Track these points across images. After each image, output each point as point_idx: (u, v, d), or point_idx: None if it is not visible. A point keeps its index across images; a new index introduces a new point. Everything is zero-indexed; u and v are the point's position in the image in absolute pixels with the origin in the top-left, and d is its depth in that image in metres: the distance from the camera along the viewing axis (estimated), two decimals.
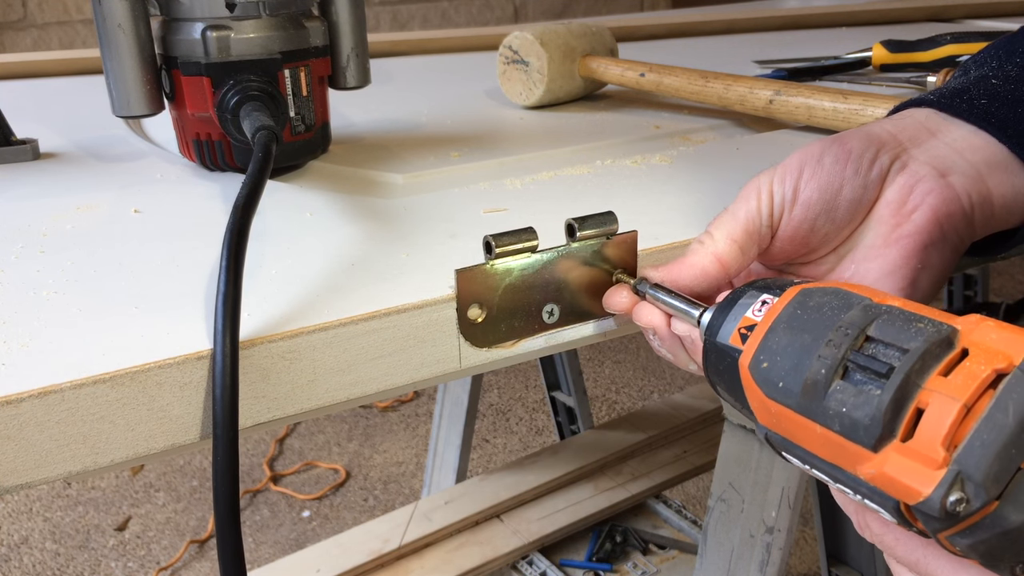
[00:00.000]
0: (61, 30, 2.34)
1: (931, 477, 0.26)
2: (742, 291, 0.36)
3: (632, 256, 0.44)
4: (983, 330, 0.28)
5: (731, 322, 0.35)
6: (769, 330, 0.32)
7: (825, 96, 0.67)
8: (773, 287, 0.35)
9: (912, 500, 0.27)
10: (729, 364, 0.34)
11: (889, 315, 0.29)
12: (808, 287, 0.33)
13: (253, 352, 0.36)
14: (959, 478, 0.26)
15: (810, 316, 0.31)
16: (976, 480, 0.25)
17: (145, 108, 0.58)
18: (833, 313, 0.31)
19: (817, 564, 1.63)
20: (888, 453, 0.27)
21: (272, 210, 0.53)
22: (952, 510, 0.26)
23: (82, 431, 0.34)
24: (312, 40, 0.59)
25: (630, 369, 2.47)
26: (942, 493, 0.26)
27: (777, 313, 0.32)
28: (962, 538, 0.27)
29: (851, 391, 0.29)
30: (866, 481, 0.28)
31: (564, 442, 1.60)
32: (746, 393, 0.33)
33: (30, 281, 0.43)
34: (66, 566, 1.77)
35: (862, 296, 0.31)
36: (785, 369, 0.31)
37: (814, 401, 0.29)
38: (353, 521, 1.88)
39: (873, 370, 0.28)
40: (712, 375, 0.36)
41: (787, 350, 0.31)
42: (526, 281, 0.41)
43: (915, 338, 0.28)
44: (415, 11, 2.77)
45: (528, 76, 0.78)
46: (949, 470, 0.26)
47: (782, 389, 0.31)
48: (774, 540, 0.85)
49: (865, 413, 0.28)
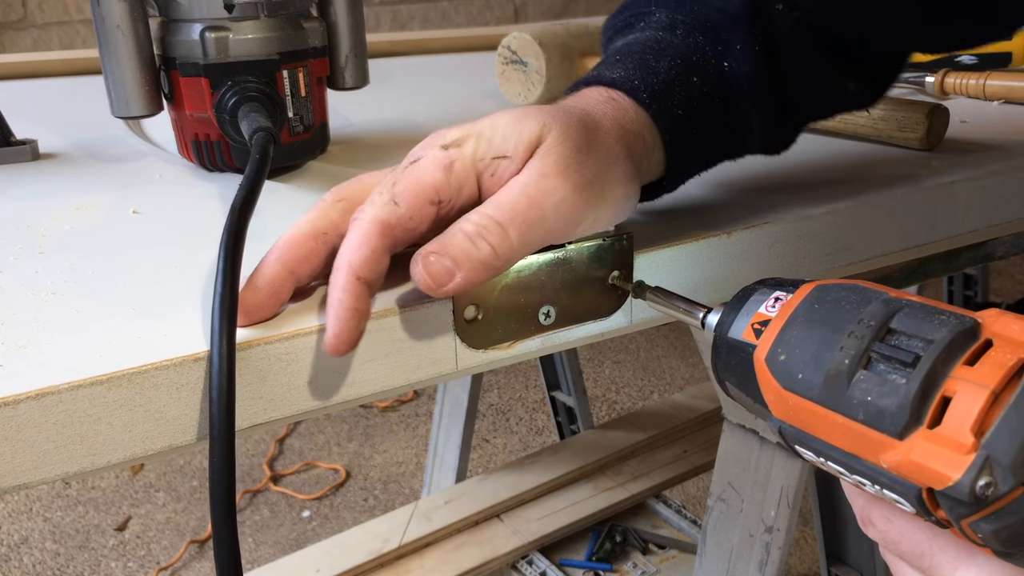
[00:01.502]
0: (61, 30, 2.34)
1: (960, 462, 0.27)
2: (752, 288, 0.36)
3: (628, 258, 0.44)
4: (1005, 322, 0.29)
5: (743, 318, 0.35)
6: (786, 324, 0.32)
7: None
8: (785, 284, 0.35)
9: (940, 485, 0.27)
10: (742, 359, 0.34)
11: (911, 308, 0.30)
12: (824, 283, 0.33)
13: (250, 353, 0.36)
14: (988, 463, 0.26)
15: (829, 310, 0.32)
16: (1004, 464, 0.26)
17: (144, 109, 0.58)
18: (853, 307, 0.31)
19: (817, 564, 1.63)
20: (915, 440, 0.28)
21: (270, 211, 0.53)
22: (981, 494, 0.26)
23: (80, 432, 0.34)
24: (310, 41, 0.59)
25: (630, 369, 2.47)
26: (972, 477, 0.26)
27: (793, 308, 0.33)
28: (986, 524, 0.27)
29: (876, 380, 0.29)
30: (888, 470, 0.29)
31: (564, 442, 1.60)
32: (761, 387, 0.33)
33: (28, 282, 0.43)
34: (66, 566, 1.77)
35: (880, 291, 0.32)
36: (804, 361, 0.31)
37: (836, 392, 0.30)
38: (353, 521, 1.89)
39: (899, 360, 0.29)
40: (721, 371, 0.36)
41: (806, 343, 0.31)
42: (522, 283, 0.41)
43: (939, 329, 0.29)
44: (415, 11, 2.77)
45: (527, 76, 0.78)
46: (978, 455, 0.26)
47: (802, 381, 0.31)
48: (773, 539, 0.85)
49: (892, 401, 0.28)
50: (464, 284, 0.37)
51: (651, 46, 0.47)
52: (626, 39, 0.49)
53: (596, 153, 0.40)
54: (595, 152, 0.40)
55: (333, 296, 0.36)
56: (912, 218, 0.55)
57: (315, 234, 0.39)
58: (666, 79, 0.45)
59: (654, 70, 0.45)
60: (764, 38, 0.47)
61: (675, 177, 0.47)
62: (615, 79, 0.45)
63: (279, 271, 0.38)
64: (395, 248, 0.38)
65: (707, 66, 0.46)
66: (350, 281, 0.36)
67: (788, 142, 0.51)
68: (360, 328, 0.36)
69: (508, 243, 0.37)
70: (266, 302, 0.37)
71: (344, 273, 0.36)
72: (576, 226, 0.40)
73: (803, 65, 0.48)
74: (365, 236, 0.37)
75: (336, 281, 0.36)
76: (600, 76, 0.45)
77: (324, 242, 0.39)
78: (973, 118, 0.73)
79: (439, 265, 0.37)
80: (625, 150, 0.42)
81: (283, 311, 0.39)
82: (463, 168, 0.39)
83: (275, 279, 0.38)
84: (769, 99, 0.48)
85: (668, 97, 0.45)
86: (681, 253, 0.47)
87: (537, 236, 0.38)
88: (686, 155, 0.46)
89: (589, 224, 0.40)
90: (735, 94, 0.47)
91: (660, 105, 0.44)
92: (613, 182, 0.41)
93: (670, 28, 0.48)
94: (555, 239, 0.40)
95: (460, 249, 0.37)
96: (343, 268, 0.36)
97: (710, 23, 0.47)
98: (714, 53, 0.47)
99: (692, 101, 0.45)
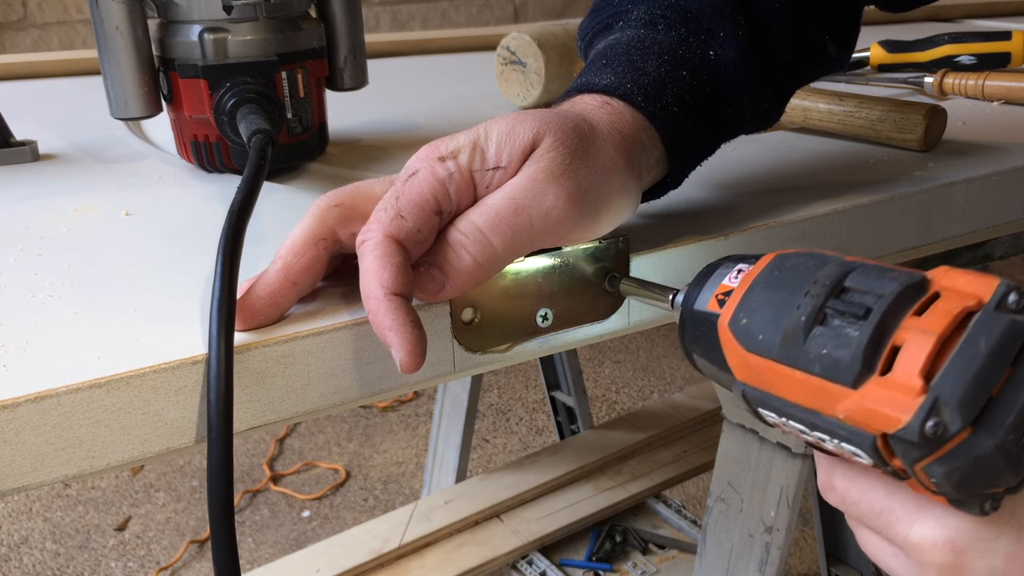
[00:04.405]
0: (61, 30, 2.35)
1: (910, 405, 0.28)
2: (717, 263, 0.37)
3: (625, 259, 0.44)
4: (952, 275, 0.30)
5: (708, 291, 0.36)
6: (747, 291, 0.34)
7: (820, 98, 0.67)
8: (748, 257, 0.36)
9: (892, 428, 0.28)
10: (707, 329, 0.35)
11: (864, 268, 0.31)
12: (784, 252, 0.34)
13: (248, 356, 0.36)
14: (936, 404, 0.27)
15: (787, 275, 0.33)
16: (952, 405, 0.27)
17: (143, 110, 0.58)
18: (809, 271, 0.32)
19: (817, 564, 1.63)
20: (868, 388, 0.29)
21: (269, 212, 0.53)
22: (931, 435, 0.27)
23: (78, 435, 0.34)
24: (309, 42, 0.59)
25: (630, 369, 2.47)
26: (921, 418, 0.27)
27: (754, 276, 0.34)
28: (939, 466, 0.28)
29: (830, 334, 0.30)
30: (844, 421, 0.30)
31: (564, 442, 1.60)
32: (724, 351, 0.34)
33: (27, 284, 0.43)
34: (66, 566, 1.77)
35: (836, 256, 0.33)
36: (764, 323, 0.32)
37: (794, 348, 0.31)
38: (353, 521, 1.89)
39: (851, 313, 0.30)
40: (688, 343, 0.37)
41: (766, 306, 0.33)
42: (519, 285, 0.41)
43: (890, 284, 0.30)
44: (415, 11, 2.77)
45: (525, 77, 0.78)
46: (927, 397, 0.28)
47: (762, 341, 0.32)
48: (773, 539, 0.85)
49: (845, 352, 0.29)
50: (452, 292, 0.38)
51: (636, 45, 0.47)
52: (607, 40, 0.49)
53: (593, 161, 0.40)
54: (592, 160, 0.40)
55: (383, 319, 0.35)
56: (910, 219, 0.55)
57: (315, 240, 0.39)
58: (656, 78, 0.45)
59: (643, 70, 0.45)
60: (746, 19, 0.47)
61: (678, 174, 0.47)
62: (607, 85, 0.45)
63: (281, 281, 0.38)
64: (411, 260, 0.38)
65: (693, 58, 0.47)
66: (391, 299, 0.36)
67: (780, 112, 0.52)
68: (424, 337, 0.36)
69: (490, 251, 0.38)
70: (264, 311, 0.38)
71: (381, 295, 0.36)
72: (569, 233, 0.40)
73: (789, 36, 0.49)
74: (385, 254, 0.37)
75: (376, 306, 0.36)
76: (591, 83, 0.45)
77: (324, 248, 0.39)
78: (972, 118, 0.73)
79: (428, 275, 0.38)
80: (624, 158, 0.42)
81: (284, 318, 0.39)
82: (460, 179, 0.39)
83: (277, 289, 0.38)
84: (759, 78, 0.48)
85: (661, 96, 0.45)
86: (678, 255, 0.47)
87: (523, 242, 0.38)
88: (686, 150, 0.47)
89: (584, 231, 0.40)
90: (724, 80, 0.47)
91: (655, 106, 0.44)
92: (610, 192, 0.40)
93: (651, 24, 0.48)
94: (546, 244, 0.40)
95: (445, 259, 0.38)
96: (376, 291, 0.36)
97: (690, 13, 0.47)
98: (698, 43, 0.47)
99: (685, 96, 0.46)
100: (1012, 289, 0.28)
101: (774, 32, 0.48)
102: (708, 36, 0.47)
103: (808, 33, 0.50)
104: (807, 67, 0.52)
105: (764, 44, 0.48)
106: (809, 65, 0.52)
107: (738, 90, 0.47)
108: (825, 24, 0.51)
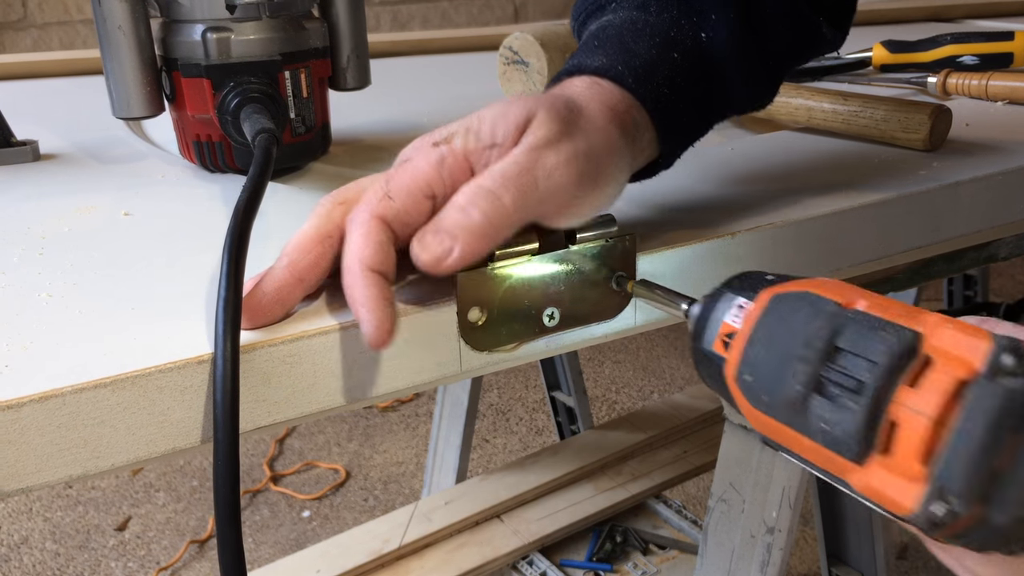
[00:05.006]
0: (61, 30, 2.34)
1: (914, 492, 0.27)
2: (720, 292, 0.36)
3: (631, 258, 0.44)
4: (942, 334, 0.29)
5: (713, 327, 0.35)
6: (748, 342, 0.33)
7: (825, 98, 0.67)
8: (747, 288, 0.35)
9: (899, 513, 0.28)
10: (715, 371, 0.35)
11: (855, 323, 0.30)
12: (779, 292, 0.33)
13: (254, 356, 0.36)
14: (941, 491, 0.27)
15: (783, 327, 0.32)
16: (956, 491, 0.26)
17: (145, 110, 0.58)
18: (802, 324, 0.31)
19: (817, 564, 1.63)
20: (872, 467, 0.29)
21: (272, 212, 0.53)
22: (940, 521, 0.27)
23: (83, 435, 0.34)
24: (312, 42, 0.59)
25: (630, 369, 2.47)
26: (927, 507, 0.27)
27: (753, 322, 0.33)
28: (956, 540, 0.27)
29: (828, 407, 0.29)
30: (858, 491, 0.29)
31: (564, 442, 1.59)
32: (736, 402, 0.34)
33: (31, 284, 0.43)
34: (66, 566, 1.77)
35: (828, 300, 0.32)
36: (767, 384, 0.32)
37: (798, 416, 0.30)
38: (353, 521, 1.88)
39: (845, 386, 0.29)
40: (704, 377, 0.37)
41: (766, 364, 0.32)
42: (526, 284, 0.41)
43: (881, 348, 0.29)
44: (415, 11, 2.77)
45: (528, 77, 0.78)
46: (930, 484, 0.27)
47: (767, 403, 0.32)
48: (775, 540, 0.85)
49: (844, 430, 0.29)
50: (462, 257, 0.37)
51: (627, 27, 0.47)
52: (600, 22, 0.49)
53: (586, 131, 0.40)
54: (584, 130, 0.40)
55: (356, 293, 0.36)
56: (915, 219, 0.55)
57: (321, 238, 0.39)
58: (647, 59, 0.45)
59: (634, 52, 0.45)
60: (738, 1, 0.47)
61: (670, 154, 0.47)
62: (598, 67, 0.45)
63: (288, 278, 0.38)
64: (397, 242, 0.38)
65: (685, 40, 0.46)
66: (367, 275, 0.36)
67: (773, 93, 0.52)
68: (394, 316, 0.36)
69: (500, 207, 0.37)
70: (271, 308, 0.38)
71: (358, 269, 0.36)
72: (572, 199, 0.39)
73: (782, 18, 0.48)
74: (367, 231, 0.37)
75: (353, 280, 0.36)
76: (582, 65, 0.45)
77: (330, 245, 0.39)
78: (975, 118, 0.73)
79: (435, 241, 0.37)
80: (618, 129, 0.42)
81: (291, 315, 0.39)
82: (454, 162, 0.39)
83: (283, 286, 0.38)
84: (751, 60, 0.48)
85: (652, 78, 0.45)
86: (684, 254, 0.47)
87: (531, 203, 0.38)
88: (678, 131, 0.47)
89: (584, 199, 0.40)
90: (717, 62, 0.47)
91: (645, 88, 0.44)
92: (607, 158, 0.41)
93: (643, 6, 0.48)
94: (550, 211, 0.39)
95: (453, 221, 0.37)
96: (354, 266, 0.36)
97: None
98: (690, 25, 0.47)
99: (676, 77, 0.45)
100: (1005, 349, 0.27)
101: (767, 14, 0.48)
102: (700, 18, 0.47)
103: (802, 14, 0.50)
104: (801, 49, 0.51)
105: (757, 26, 0.48)
106: (803, 47, 0.51)
107: (730, 72, 0.47)
108: (819, 5, 0.51)
